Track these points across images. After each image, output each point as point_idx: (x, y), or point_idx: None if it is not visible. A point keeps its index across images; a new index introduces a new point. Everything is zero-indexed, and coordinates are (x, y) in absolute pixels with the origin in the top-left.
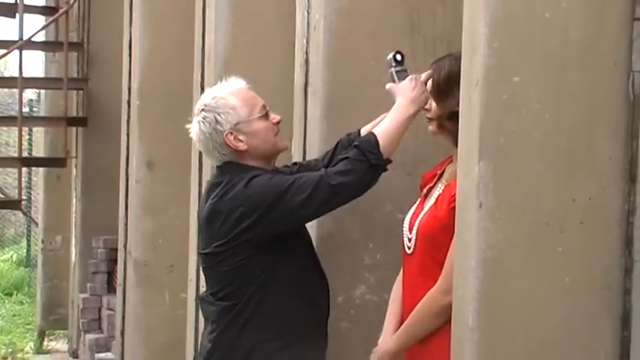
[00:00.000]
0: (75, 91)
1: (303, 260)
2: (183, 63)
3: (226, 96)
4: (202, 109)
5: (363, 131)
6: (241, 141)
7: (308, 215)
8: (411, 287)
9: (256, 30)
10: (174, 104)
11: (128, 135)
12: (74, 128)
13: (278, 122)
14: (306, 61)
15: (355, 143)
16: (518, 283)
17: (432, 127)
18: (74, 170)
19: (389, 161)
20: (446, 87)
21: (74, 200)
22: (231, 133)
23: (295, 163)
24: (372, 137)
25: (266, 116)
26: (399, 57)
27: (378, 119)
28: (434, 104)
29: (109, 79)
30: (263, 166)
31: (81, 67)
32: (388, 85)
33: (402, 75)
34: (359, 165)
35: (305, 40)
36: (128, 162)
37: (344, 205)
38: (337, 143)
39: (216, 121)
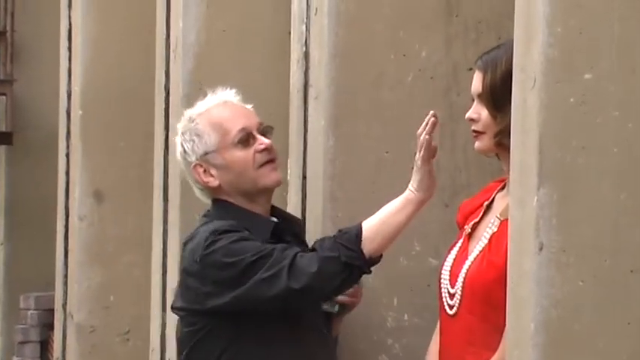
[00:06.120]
0: None
1: (284, 332)
2: (141, 58)
3: (199, 116)
4: (180, 132)
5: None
6: (212, 175)
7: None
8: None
9: (239, 13)
10: (129, 114)
11: (68, 156)
12: None
13: (264, 150)
14: (306, 55)
15: (335, 234)
16: (592, 354)
17: (480, 144)
18: None
19: (372, 262)
20: (505, 90)
21: None
22: (200, 166)
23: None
24: (354, 230)
25: (245, 143)
26: None
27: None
28: (484, 114)
29: (42, 80)
30: (249, 208)
31: (3, 64)
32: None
33: None
34: (328, 263)
35: (304, 27)
36: (68, 192)
37: None
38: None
39: (184, 150)
